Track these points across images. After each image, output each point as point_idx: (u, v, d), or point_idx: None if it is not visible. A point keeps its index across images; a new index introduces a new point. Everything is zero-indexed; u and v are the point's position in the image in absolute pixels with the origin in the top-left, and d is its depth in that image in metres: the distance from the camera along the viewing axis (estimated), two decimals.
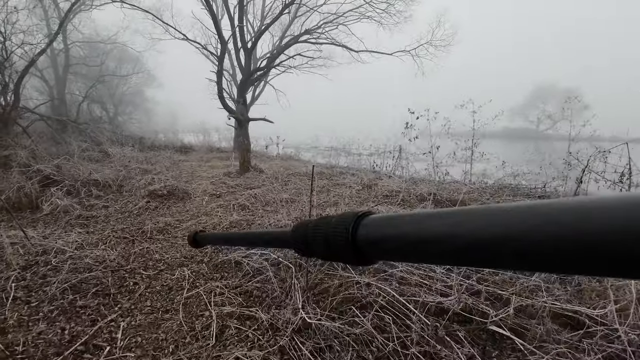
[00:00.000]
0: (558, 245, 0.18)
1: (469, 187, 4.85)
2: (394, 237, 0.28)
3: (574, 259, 0.17)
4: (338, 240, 0.33)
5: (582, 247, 0.17)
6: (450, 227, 0.23)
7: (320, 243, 0.36)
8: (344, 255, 0.33)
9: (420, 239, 0.26)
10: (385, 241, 0.29)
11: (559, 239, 0.18)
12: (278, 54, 7.31)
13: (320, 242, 0.36)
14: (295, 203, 4.66)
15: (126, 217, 4.00)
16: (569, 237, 0.17)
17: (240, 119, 6.98)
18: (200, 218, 3.96)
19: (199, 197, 5.10)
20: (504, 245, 0.20)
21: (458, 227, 0.23)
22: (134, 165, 6.85)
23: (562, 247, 0.18)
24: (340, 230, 0.32)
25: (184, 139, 14.70)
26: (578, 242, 0.17)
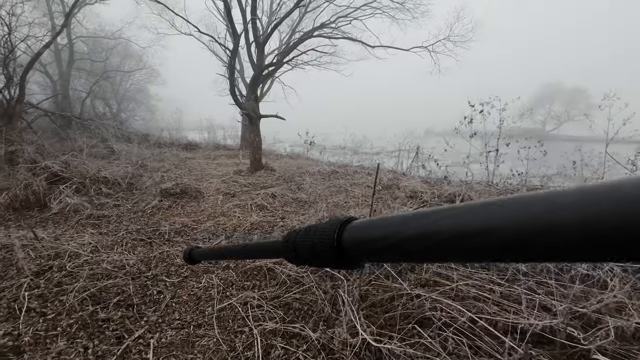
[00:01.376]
0: (522, 237, 0.20)
1: (495, 188, 4.62)
2: (377, 238, 0.29)
3: (535, 248, 0.20)
4: (324, 246, 0.34)
5: (538, 235, 0.19)
6: (427, 225, 0.25)
7: (308, 250, 0.37)
8: (330, 260, 0.34)
9: (401, 239, 0.27)
10: (369, 243, 0.31)
11: (525, 231, 0.20)
12: (291, 48, 7.08)
13: (308, 249, 0.37)
14: (315, 203, 4.45)
15: (139, 217, 3.78)
16: (533, 227, 0.19)
17: (251, 115, 6.76)
18: (218, 219, 3.75)
19: (213, 196, 4.88)
20: (474, 239, 0.22)
21: (434, 225, 0.25)
22: (142, 163, 6.65)
23: (524, 237, 0.20)
24: (326, 236, 0.34)
25: (189, 136, 14.48)
26: (535, 231, 0.19)
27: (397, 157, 7.47)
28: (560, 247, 0.18)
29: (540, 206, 0.20)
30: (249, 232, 3.27)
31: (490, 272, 2.13)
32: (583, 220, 0.18)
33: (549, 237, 0.19)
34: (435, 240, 0.24)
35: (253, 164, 7.04)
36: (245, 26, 6.23)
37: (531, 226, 0.19)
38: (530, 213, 0.20)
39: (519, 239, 0.20)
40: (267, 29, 10.19)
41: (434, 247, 0.25)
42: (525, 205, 0.21)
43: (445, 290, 1.89)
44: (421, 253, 0.26)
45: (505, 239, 0.21)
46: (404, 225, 0.27)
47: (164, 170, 6.39)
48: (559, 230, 0.18)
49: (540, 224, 0.19)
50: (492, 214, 0.22)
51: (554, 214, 0.19)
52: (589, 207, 0.18)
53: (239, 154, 10.10)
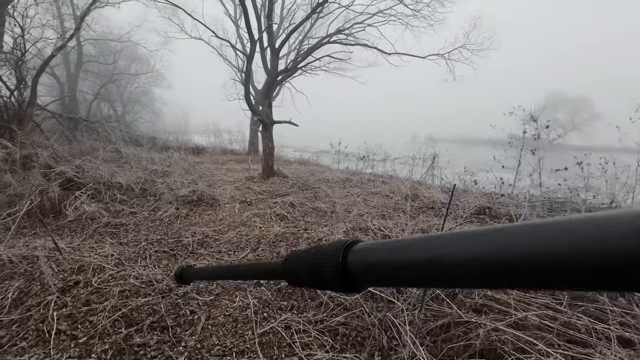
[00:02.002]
0: (519, 266, 0.20)
1: (520, 201, 4.49)
2: (382, 263, 0.29)
3: (536, 276, 0.20)
4: (328, 268, 0.33)
5: (541, 265, 0.19)
6: (435, 250, 0.25)
7: (310, 273, 0.36)
8: (333, 283, 0.34)
9: (407, 265, 0.27)
10: (375, 267, 0.30)
11: (519, 260, 0.20)
12: (307, 54, 7.01)
13: (310, 272, 0.36)
14: (336, 213, 4.32)
15: (157, 226, 3.66)
16: (529, 256, 0.20)
17: (265, 121, 6.66)
18: (239, 229, 3.62)
19: (229, 204, 4.77)
20: (474, 266, 0.22)
21: (442, 250, 0.24)
22: (152, 167, 6.54)
23: (523, 266, 0.20)
24: (331, 259, 0.33)
25: (195, 140, 14.41)
26: (540, 262, 0.19)
27: (410, 165, 7.35)
28: (577, 274, 0.18)
29: (527, 237, 0.20)
30: (274, 245, 3.14)
31: (545, 295, 2.00)
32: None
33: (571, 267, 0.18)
34: (442, 266, 0.24)
35: (265, 170, 6.93)
36: (260, 32, 6.15)
37: (555, 254, 0.19)
38: (521, 243, 0.20)
39: (543, 267, 0.19)
40: (278, 34, 10.16)
41: (440, 274, 0.24)
42: (515, 234, 0.21)
43: (503, 317, 1.77)
44: (429, 279, 0.26)
45: (524, 267, 0.20)
46: (410, 250, 0.27)
47: (175, 176, 6.28)
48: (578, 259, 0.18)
49: (530, 254, 0.20)
50: (509, 239, 0.21)
51: (573, 243, 0.18)
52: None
53: (247, 159, 10.01)
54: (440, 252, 0.24)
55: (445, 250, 0.24)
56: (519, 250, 0.20)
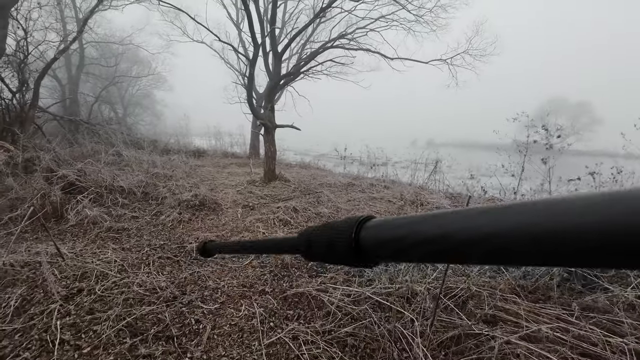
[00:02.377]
0: (535, 240, 0.20)
1: None
2: (396, 238, 0.29)
3: (547, 252, 0.19)
4: (341, 243, 0.34)
5: (553, 240, 0.19)
6: (447, 226, 0.25)
7: (324, 246, 0.37)
8: (346, 258, 0.34)
9: (420, 240, 0.27)
10: (387, 242, 0.30)
11: (536, 234, 0.19)
12: (310, 58, 7.02)
13: (324, 245, 0.37)
14: (339, 218, 4.30)
15: (160, 231, 3.63)
16: (544, 232, 0.19)
17: (268, 125, 6.65)
18: (242, 234, 3.60)
19: (231, 208, 4.74)
20: (489, 242, 0.22)
21: (454, 225, 0.24)
22: (154, 171, 6.52)
23: (538, 242, 0.19)
24: (344, 234, 0.34)
25: (196, 142, 14.41)
26: (551, 237, 0.19)
27: (413, 169, 7.33)
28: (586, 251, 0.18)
29: (543, 213, 0.20)
30: None
31: (555, 306, 1.98)
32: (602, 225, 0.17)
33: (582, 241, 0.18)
34: (457, 241, 0.24)
35: (267, 174, 6.91)
36: (263, 37, 6.16)
37: (537, 232, 0.20)
38: (536, 220, 0.20)
39: (552, 241, 0.19)
40: (280, 38, 10.19)
41: (454, 249, 0.24)
42: (528, 210, 0.21)
43: (514, 329, 1.74)
44: (440, 254, 0.26)
45: (541, 242, 0.19)
46: (423, 225, 0.27)
47: (176, 179, 6.25)
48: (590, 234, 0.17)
49: (544, 229, 0.19)
50: (519, 215, 0.21)
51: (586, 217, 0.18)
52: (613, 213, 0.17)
53: (248, 162, 9.99)
54: (454, 227, 0.24)
55: (459, 225, 0.24)
56: (545, 225, 0.19)
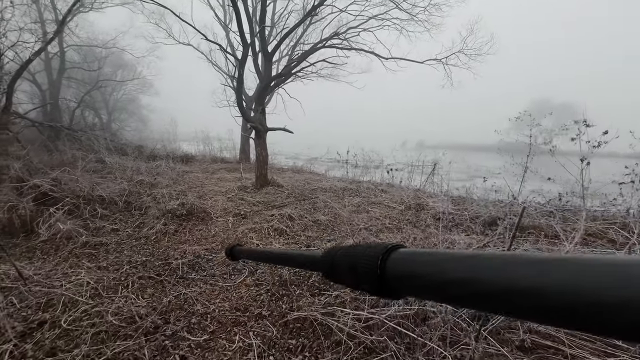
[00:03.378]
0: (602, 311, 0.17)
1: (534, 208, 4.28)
2: (423, 274, 0.27)
3: (616, 327, 0.17)
4: (366, 270, 0.32)
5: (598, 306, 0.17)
6: (475, 271, 0.23)
7: (349, 270, 0.36)
8: (370, 286, 0.33)
9: (449, 280, 0.25)
10: (414, 278, 0.29)
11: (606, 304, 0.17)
12: (302, 58, 6.77)
13: (349, 269, 0.36)
14: (339, 226, 4.02)
15: (142, 245, 3.29)
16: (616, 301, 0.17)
17: (259, 128, 6.35)
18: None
19: (221, 217, 4.42)
20: (525, 297, 0.20)
21: (488, 272, 0.23)
22: (139, 178, 6.14)
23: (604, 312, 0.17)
24: (370, 260, 0.32)
25: (183, 148, 13.98)
26: (599, 302, 0.17)
27: (410, 172, 7.12)
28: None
29: (603, 275, 0.18)
30: (275, 266, 2.82)
31: None
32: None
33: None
34: (487, 289, 0.22)
35: (259, 179, 6.60)
36: (252, 36, 5.88)
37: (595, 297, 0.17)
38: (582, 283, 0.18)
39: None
40: (269, 39, 9.93)
41: (486, 296, 0.22)
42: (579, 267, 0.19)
43: (553, 357, 1.49)
44: (470, 300, 0.24)
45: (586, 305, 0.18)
46: (454, 264, 0.25)
47: (162, 187, 5.89)
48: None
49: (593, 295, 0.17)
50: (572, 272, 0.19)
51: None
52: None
53: (239, 167, 9.66)
54: (490, 273, 0.22)
55: (496, 273, 0.22)
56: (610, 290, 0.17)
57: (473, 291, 0.23)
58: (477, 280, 0.23)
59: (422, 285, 0.28)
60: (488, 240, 3.02)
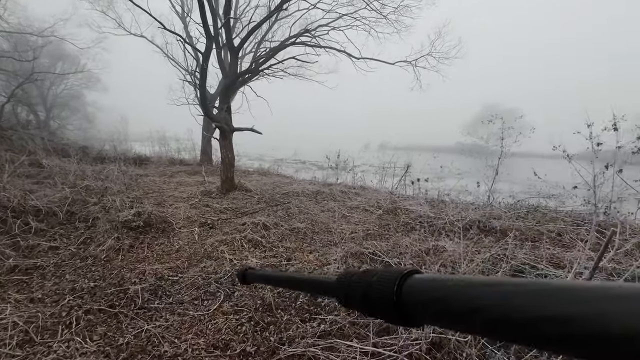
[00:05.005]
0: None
1: (503, 210, 4.33)
2: (439, 301, 0.27)
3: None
4: (382, 297, 0.31)
5: None
6: (500, 299, 0.23)
7: (364, 297, 0.35)
8: (387, 313, 0.32)
9: (466, 308, 0.24)
10: (432, 305, 0.28)
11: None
12: (270, 55, 6.36)
13: (364, 296, 0.35)
14: (318, 234, 3.73)
15: (90, 266, 2.75)
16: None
17: (224, 128, 5.86)
18: (204, 263, 2.85)
19: (185, 227, 3.93)
20: (552, 327, 0.19)
21: (509, 300, 0.22)
22: (84, 183, 5.38)
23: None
24: (385, 286, 0.31)
25: (137, 149, 12.85)
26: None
27: (382, 174, 7.04)
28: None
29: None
30: (255, 285, 2.46)
31: None
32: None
33: None
34: (516, 319, 0.21)
35: (225, 183, 6.11)
36: (217, 28, 5.42)
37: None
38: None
39: None
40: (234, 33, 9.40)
41: (514, 328, 0.21)
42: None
43: None
44: (494, 329, 0.23)
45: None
46: (476, 291, 0.24)
47: (113, 193, 5.21)
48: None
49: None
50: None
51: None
52: None
53: (200, 170, 9.01)
54: (514, 304, 0.21)
55: (525, 301, 0.21)
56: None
57: (498, 318, 0.22)
58: (504, 306, 0.22)
59: (440, 312, 0.26)
60: (495, 251, 2.91)
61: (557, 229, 3.67)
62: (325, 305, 2.16)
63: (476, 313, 0.23)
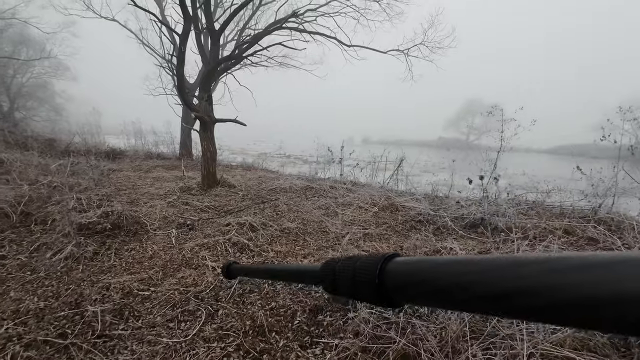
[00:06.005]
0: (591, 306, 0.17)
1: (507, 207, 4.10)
2: (420, 282, 0.27)
3: (610, 319, 0.17)
4: (364, 281, 0.32)
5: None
6: (475, 274, 0.23)
7: (347, 282, 0.35)
8: (369, 296, 0.32)
9: (446, 286, 0.25)
10: (411, 285, 0.28)
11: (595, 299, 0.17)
12: (255, 40, 5.87)
13: (347, 281, 0.35)
14: (311, 235, 3.38)
15: (42, 280, 2.30)
16: (602, 296, 0.17)
17: (205, 119, 5.38)
18: (182, 273, 2.45)
19: (161, 229, 3.49)
20: (523, 299, 0.20)
21: (482, 275, 0.22)
22: (46, 180, 4.81)
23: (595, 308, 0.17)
24: (367, 271, 0.32)
25: (110, 142, 12.02)
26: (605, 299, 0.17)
27: (373, 169, 6.73)
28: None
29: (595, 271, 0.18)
30: (243, 302, 2.08)
31: None
32: None
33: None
34: (482, 292, 0.22)
35: (206, 178, 5.65)
36: (195, 8, 4.91)
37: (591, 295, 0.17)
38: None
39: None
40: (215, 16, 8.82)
41: (479, 299, 0.22)
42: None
43: None
44: (467, 303, 0.24)
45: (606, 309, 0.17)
46: (452, 268, 0.25)
47: (79, 190, 4.67)
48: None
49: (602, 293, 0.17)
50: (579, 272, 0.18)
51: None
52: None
53: (179, 164, 8.46)
54: (483, 277, 0.22)
55: (500, 274, 0.21)
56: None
57: (472, 294, 0.22)
58: (477, 282, 0.22)
59: (420, 291, 0.27)
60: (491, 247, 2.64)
61: (564, 227, 3.47)
62: (328, 324, 1.82)
63: (451, 291, 0.23)
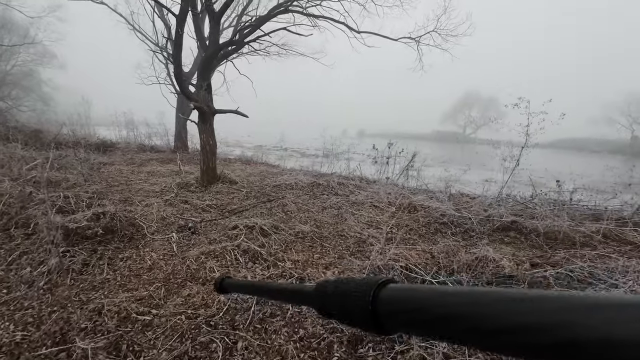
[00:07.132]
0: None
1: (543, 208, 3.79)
2: (414, 310, 0.27)
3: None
4: (358, 306, 0.31)
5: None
6: (472, 306, 0.23)
7: (340, 305, 0.34)
8: (362, 322, 0.32)
9: (440, 316, 0.25)
10: (405, 313, 0.28)
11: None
12: (258, 24, 5.41)
13: (339, 303, 0.34)
14: (328, 240, 3.03)
15: (20, 301, 1.92)
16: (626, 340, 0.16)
17: (204, 109, 4.96)
18: (188, 289, 2.09)
19: (159, 233, 3.11)
20: (522, 336, 0.19)
21: (481, 307, 0.22)
22: (30, 175, 4.39)
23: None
24: (360, 295, 0.31)
25: (100, 134, 11.45)
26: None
27: (381, 163, 6.38)
28: None
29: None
30: (265, 329, 1.73)
31: None
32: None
33: None
34: (487, 326, 0.21)
35: (206, 173, 5.25)
36: None
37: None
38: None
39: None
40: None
41: (482, 334, 0.21)
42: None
43: None
44: (464, 335, 0.23)
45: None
46: (446, 300, 0.25)
47: (66, 187, 4.26)
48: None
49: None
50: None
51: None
52: None
53: (175, 157, 8.01)
54: (487, 310, 0.21)
55: (492, 311, 0.21)
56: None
57: (470, 326, 0.22)
58: (475, 315, 0.22)
59: (414, 320, 0.27)
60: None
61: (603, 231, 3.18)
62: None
63: (447, 322, 0.23)
